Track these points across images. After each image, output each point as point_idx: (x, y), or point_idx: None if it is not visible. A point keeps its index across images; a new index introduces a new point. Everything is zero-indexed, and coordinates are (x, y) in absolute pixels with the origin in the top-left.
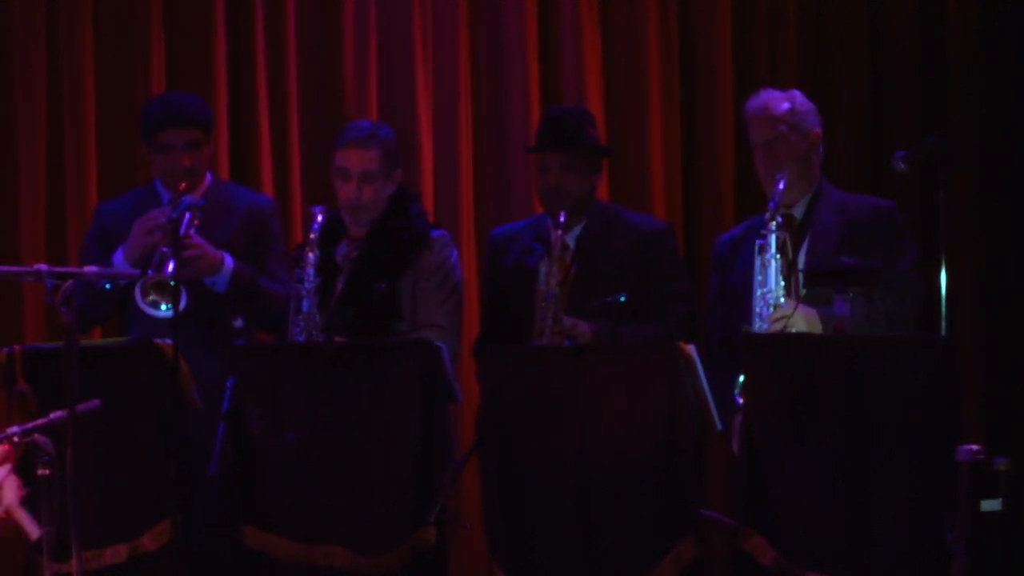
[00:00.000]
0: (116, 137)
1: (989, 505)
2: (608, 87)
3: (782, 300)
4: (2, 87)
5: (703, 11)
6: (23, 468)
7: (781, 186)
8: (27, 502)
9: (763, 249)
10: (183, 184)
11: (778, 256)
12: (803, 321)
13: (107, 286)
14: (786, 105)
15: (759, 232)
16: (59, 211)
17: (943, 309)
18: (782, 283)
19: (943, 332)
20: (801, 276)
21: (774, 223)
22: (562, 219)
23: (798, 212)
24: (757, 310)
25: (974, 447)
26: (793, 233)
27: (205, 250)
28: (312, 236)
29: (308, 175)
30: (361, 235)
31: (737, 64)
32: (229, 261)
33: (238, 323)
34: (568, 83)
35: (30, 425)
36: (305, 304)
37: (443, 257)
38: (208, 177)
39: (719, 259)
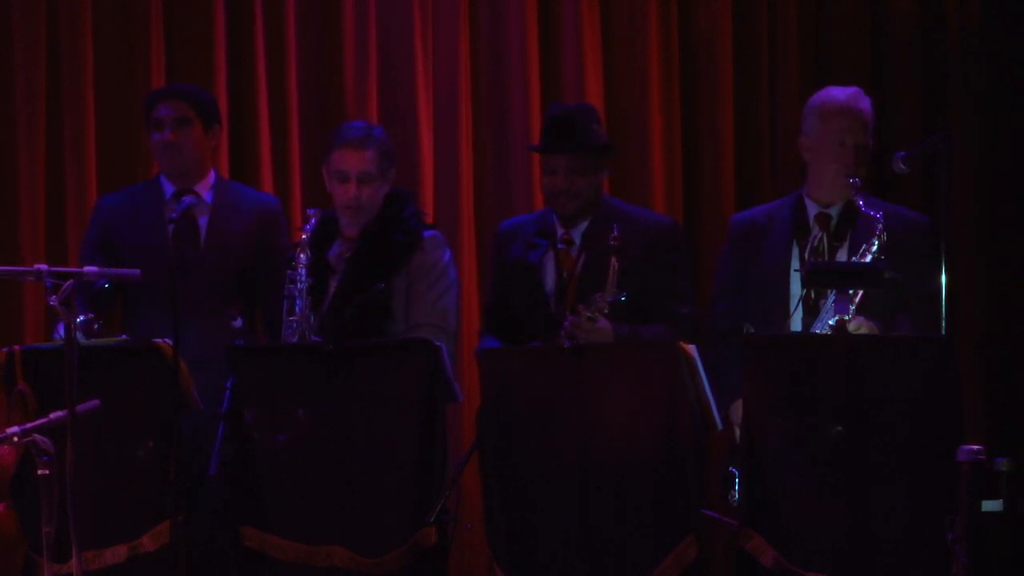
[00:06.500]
0: (116, 137)
1: (989, 505)
2: (608, 87)
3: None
4: (2, 86)
5: (703, 11)
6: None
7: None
8: None
9: None
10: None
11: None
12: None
13: (105, 286)
14: (871, 110)
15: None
16: (59, 211)
17: (943, 309)
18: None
19: (943, 332)
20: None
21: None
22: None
23: (833, 212)
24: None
25: (974, 447)
26: (829, 233)
27: None
28: (304, 237)
29: (308, 175)
30: (354, 236)
31: (737, 64)
32: None
33: (237, 323)
34: (568, 83)
35: (30, 425)
36: (298, 305)
37: (436, 257)
38: (212, 175)
39: (737, 242)
